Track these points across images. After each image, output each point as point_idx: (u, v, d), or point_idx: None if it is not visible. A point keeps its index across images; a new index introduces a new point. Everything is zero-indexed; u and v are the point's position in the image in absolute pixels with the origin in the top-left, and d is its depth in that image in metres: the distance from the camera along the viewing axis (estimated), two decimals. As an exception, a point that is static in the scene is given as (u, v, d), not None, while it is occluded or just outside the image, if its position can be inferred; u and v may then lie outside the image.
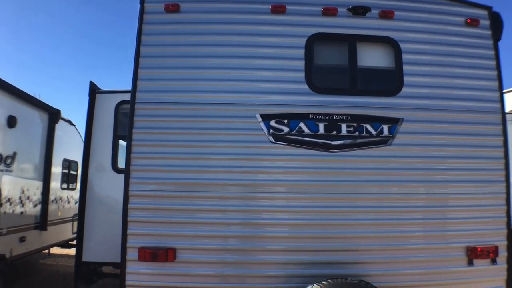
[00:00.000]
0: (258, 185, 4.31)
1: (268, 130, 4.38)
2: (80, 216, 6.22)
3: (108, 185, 6.22)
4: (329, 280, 3.93)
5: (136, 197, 4.24)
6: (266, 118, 4.40)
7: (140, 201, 4.23)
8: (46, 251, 9.63)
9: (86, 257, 6.10)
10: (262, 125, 4.38)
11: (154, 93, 4.43)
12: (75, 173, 10.07)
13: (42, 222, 8.31)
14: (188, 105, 4.40)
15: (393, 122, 4.52)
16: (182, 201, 4.24)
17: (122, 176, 6.16)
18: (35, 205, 8.15)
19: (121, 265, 4.14)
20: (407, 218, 4.43)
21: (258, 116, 4.39)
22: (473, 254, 4.41)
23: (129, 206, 4.22)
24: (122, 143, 7.02)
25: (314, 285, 3.90)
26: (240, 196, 4.28)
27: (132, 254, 4.15)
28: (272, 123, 4.39)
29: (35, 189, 8.15)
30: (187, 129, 4.35)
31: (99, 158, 6.29)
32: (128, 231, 4.18)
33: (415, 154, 4.50)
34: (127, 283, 4.12)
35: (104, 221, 6.15)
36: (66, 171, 9.54)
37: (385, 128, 4.50)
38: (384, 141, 4.48)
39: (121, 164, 6.27)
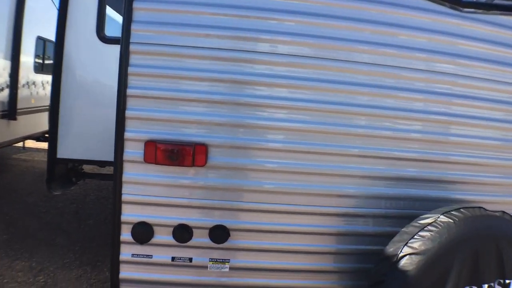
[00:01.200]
0: (351, 48, 2.26)
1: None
2: (54, 101, 4.04)
3: (91, 59, 4.02)
4: (462, 210, 2.10)
5: (140, 54, 2.12)
6: None
7: (148, 63, 2.13)
8: (20, 144, 7.50)
9: (61, 153, 4.04)
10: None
11: None
12: (52, 54, 7.61)
13: (10, 110, 6.06)
14: None
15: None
16: (217, 65, 2.16)
17: (109, 48, 4.09)
18: (1, 89, 5.86)
19: (115, 169, 2.14)
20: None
21: None
22: None
23: (130, 70, 2.12)
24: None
25: (441, 216, 2.07)
26: (313, 65, 2.23)
27: (132, 151, 2.14)
28: None
29: (1, 69, 5.80)
30: None
31: (79, 23, 3.99)
32: (127, 113, 2.13)
33: None
34: (124, 198, 2.15)
35: (86, 107, 4.06)
36: (41, 51, 7.07)
37: (530, -14, 2.49)
38: (530, 6, 2.48)
39: (109, 31, 4.02)
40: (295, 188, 2.24)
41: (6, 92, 5.97)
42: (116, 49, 3.85)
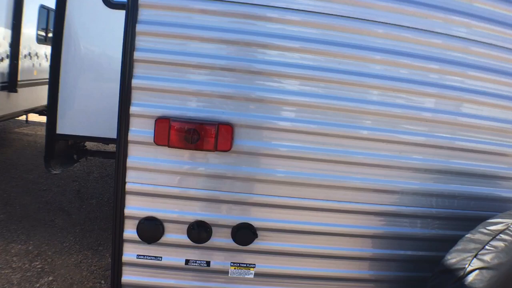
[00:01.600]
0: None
1: None
2: (53, 71, 3.56)
3: (95, 27, 3.52)
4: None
5: (152, 8, 1.64)
6: None
7: (161, 20, 1.64)
8: (23, 117, 7.04)
9: (61, 129, 3.60)
10: None
11: None
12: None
13: (10, 82, 5.57)
14: None
15: None
16: (251, 25, 1.68)
17: (115, 14, 3.57)
18: (1, 60, 5.35)
19: (118, 152, 1.69)
20: None
21: None
22: None
23: (138, 28, 1.64)
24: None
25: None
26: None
27: (140, 130, 1.69)
28: None
29: (1, 38, 5.28)
30: None
31: (83, -14, 3.49)
32: (134, 83, 1.66)
33: None
34: (128, 187, 1.71)
35: (89, 79, 3.61)
36: (45, 21, 6.51)
37: None
38: None
39: (117, -5, 3.52)
40: (339, 181, 1.78)
41: (6, 62, 5.46)
42: (123, 15, 3.42)
